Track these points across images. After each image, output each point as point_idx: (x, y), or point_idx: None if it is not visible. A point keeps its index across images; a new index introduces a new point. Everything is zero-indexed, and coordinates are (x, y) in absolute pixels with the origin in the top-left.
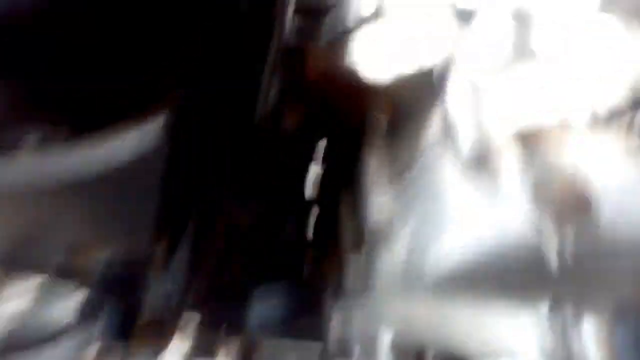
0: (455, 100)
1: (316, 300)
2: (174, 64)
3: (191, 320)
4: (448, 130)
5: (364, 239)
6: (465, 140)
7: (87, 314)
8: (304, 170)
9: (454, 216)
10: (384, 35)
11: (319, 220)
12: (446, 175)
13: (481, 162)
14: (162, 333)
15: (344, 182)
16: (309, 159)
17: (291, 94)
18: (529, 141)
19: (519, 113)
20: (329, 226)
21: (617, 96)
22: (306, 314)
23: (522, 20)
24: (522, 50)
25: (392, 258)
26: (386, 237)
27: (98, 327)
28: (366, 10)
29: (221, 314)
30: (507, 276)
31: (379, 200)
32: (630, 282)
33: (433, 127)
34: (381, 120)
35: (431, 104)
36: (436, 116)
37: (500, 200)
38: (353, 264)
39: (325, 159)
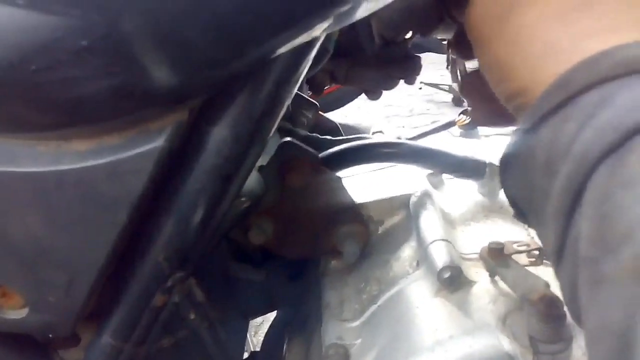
0: (429, 225)
1: None
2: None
3: None
4: (423, 255)
5: None
6: (439, 262)
7: None
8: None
9: (423, 342)
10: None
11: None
12: (418, 301)
13: (454, 283)
14: None
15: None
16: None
17: (265, 203)
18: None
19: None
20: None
21: None
22: None
23: None
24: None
25: None
26: None
27: None
28: None
29: None
30: None
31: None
32: None
33: (406, 252)
34: (353, 243)
35: (405, 229)
36: (409, 241)
37: (472, 327)
38: None
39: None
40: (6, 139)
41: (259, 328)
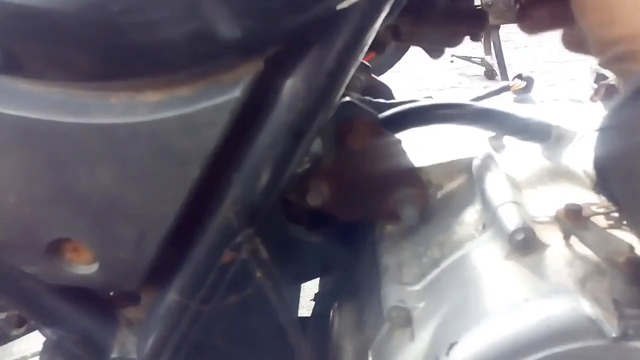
0: (496, 188)
1: None
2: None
3: None
4: (490, 218)
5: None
6: (511, 225)
7: None
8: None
9: (495, 306)
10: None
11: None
12: (487, 264)
13: (527, 245)
14: None
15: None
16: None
17: (325, 165)
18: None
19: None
20: None
21: None
22: None
23: None
24: None
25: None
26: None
27: None
28: None
29: None
30: None
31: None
32: None
33: (470, 216)
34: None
35: (467, 193)
36: (473, 205)
37: (548, 290)
38: None
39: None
40: (79, 91)
41: None
